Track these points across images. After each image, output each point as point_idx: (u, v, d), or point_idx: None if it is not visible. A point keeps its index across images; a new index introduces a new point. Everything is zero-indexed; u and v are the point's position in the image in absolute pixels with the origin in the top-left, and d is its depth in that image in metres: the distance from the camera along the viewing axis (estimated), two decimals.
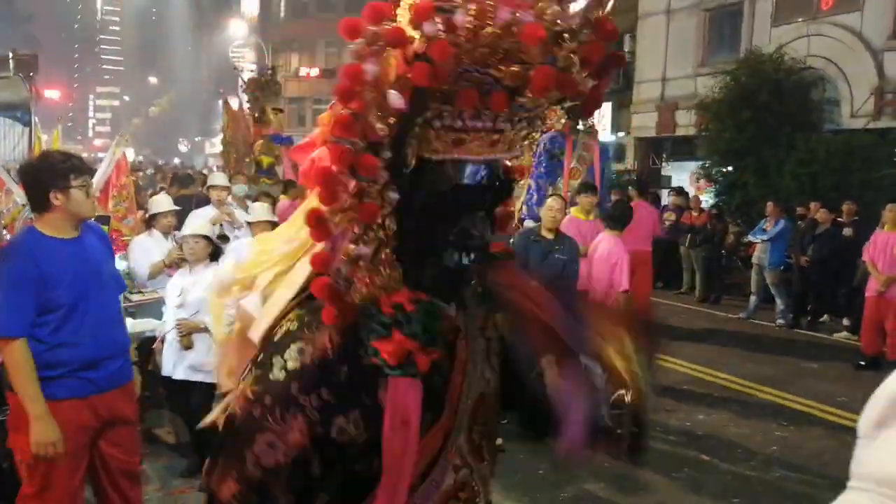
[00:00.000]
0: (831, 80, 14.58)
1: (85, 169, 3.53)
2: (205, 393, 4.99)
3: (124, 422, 3.62)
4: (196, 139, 62.76)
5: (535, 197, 8.21)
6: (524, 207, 8.30)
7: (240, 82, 20.51)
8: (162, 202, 6.49)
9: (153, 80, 77.67)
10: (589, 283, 6.43)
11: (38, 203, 3.43)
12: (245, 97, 12.99)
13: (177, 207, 6.53)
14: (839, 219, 11.05)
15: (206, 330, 4.85)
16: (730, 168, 14.75)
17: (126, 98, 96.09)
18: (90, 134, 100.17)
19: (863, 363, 8.71)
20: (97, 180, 6.24)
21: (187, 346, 4.89)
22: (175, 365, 4.97)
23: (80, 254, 3.44)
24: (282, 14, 41.73)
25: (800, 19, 15.40)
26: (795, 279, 11.12)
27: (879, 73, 13.92)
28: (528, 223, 7.60)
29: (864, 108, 14.04)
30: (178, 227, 6.38)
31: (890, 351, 8.65)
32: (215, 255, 5.02)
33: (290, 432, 1.60)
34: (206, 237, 5.01)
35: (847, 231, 10.66)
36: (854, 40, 14.34)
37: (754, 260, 11.48)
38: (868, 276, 9.05)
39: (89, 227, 3.61)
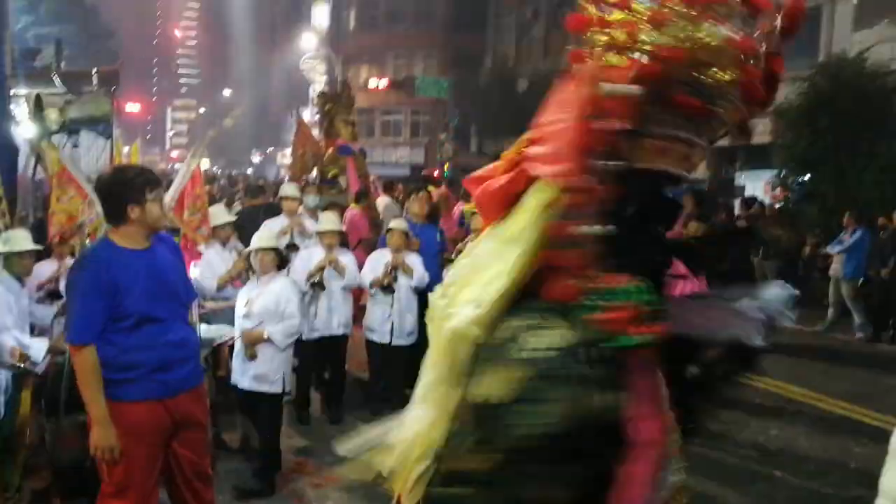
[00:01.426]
0: None
1: (158, 182, 3.65)
2: (270, 403, 5.07)
3: (195, 424, 3.71)
4: (268, 150, 64.07)
5: None
6: None
7: (310, 93, 21.07)
8: (218, 214, 6.65)
9: (227, 92, 79.69)
10: None
11: (115, 215, 3.55)
12: (315, 109, 13.24)
13: (232, 218, 6.71)
14: None
15: (268, 341, 4.94)
16: (807, 177, 14.28)
17: (202, 110, 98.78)
18: (167, 146, 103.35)
19: None
20: (173, 191, 6.43)
21: (252, 357, 4.99)
22: (242, 374, 5.08)
23: (151, 264, 3.55)
24: (351, 26, 42.31)
25: (883, 21, 14.84)
26: (875, 292, 10.69)
27: None
28: None
29: None
30: (242, 237, 6.55)
31: None
32: (283, 264, 5.12)
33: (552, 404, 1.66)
34: (274, 249, 5.13)
35: None
36: None
37: (831, 272, 11.11)
38: None
39: (160, 238, 3.72)
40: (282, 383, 5.09)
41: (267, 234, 5.30)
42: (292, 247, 7.18)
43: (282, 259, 5.14)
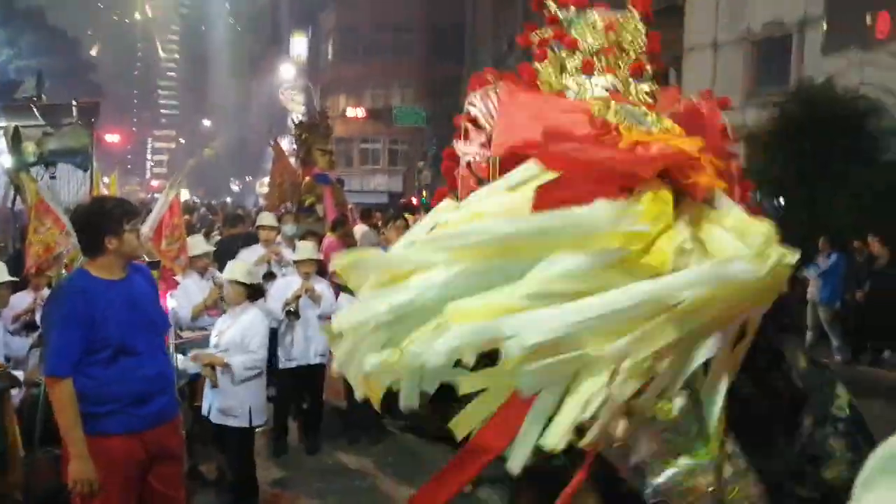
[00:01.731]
0: (887, 109, 14.26)
1: (136, 212, 3.67)
2: (238, 437, 5.00)
3: (171, 458, 3.68)
4: (247, 179, 64.02)
5: None
6: None
7: (289, 123, 21.15)
8: (196, 245, 6.65)
9: (207, 122, 79.71)
10: None
11: (92, 247, 3.55)
12: (293, 138, 13.29)
13: (210, 249, 6.69)
14: None
15: (227, 367, 4.85)
16: (780, 201, 14.47)
17: (181, 140, 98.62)
18: (148, 175, 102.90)
19: None
20: (151, 221, 6.43)
21: (213, 383, 4.94)
22: (211, 406, 5.03)
23: (128, 294, 3.54)
24: (330, 56, 42.59)
25: (851, 48, 15.16)
26: (852, 315, 10.81)
27: None
28: None
29: None
30: (221, 266, 6.54)
31: None
32: (256, 295, 5.07)
33: None
34: (242, 283, 5.06)
35: None
36: None
37: (809, 296, 11.22)
38: None
39: (136, 268, 3.72)
40: (248, 418, 4.98)
41: (238, 266, 5.22)
42: (270, 276, 7.18)
43: (254, 291, 5.07)
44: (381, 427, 6.86)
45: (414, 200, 30.88)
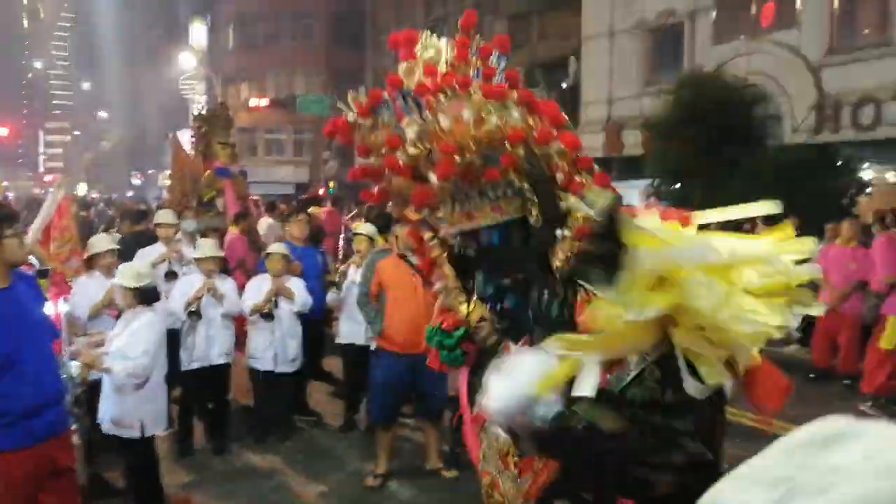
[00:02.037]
0: (773, 96, 14.95)
1: (15, 216, 3.52)
2: (131, 449, 4.83)
3: (64, 471, 3.57)
4: (149, 172, 62.01)
5: None
6: None
7: (190, 114, 20.72)
8: (99, 242, 6.40)
9: (103, 114, 76.70)
10: None
11: None
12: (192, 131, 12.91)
13: (114, 246, 6.43)
14: None
15: (107, 371, 4.60)
16: (678, 186, 15.02)
17: (76, 133, 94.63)
18: (41, 169, 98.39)
19: (812, 376, 8.84)
20: (38, 224, 6.17)
21: (84, 378, 4.70)
22: (104, 415, 4.85)
23: (12, 302, 3.40)
24: (230, 45, 41.60)
25: (739, 37, 15.81)
26: None
27: (818, 88, 14.32)
28: None
29: (805, 123, 14.41)
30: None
31: (841, 364, 8.81)
32: (149, 298, 4.81)
33: None
34: (131, 287, 4.82)
35: None
36: (793, 57, 14.74)
37: None
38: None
39: (19, 275, 3.57)
40: (140, 429, 4.77)
41: (126, 269, 4.94)
42: (171, 275, 6.99)
43: (145, 294, 4.79)
44: (289, 424, 6.83)
45: (321, 191, 30.61)
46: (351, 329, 6.96)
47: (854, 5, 14.40)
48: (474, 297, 2.51)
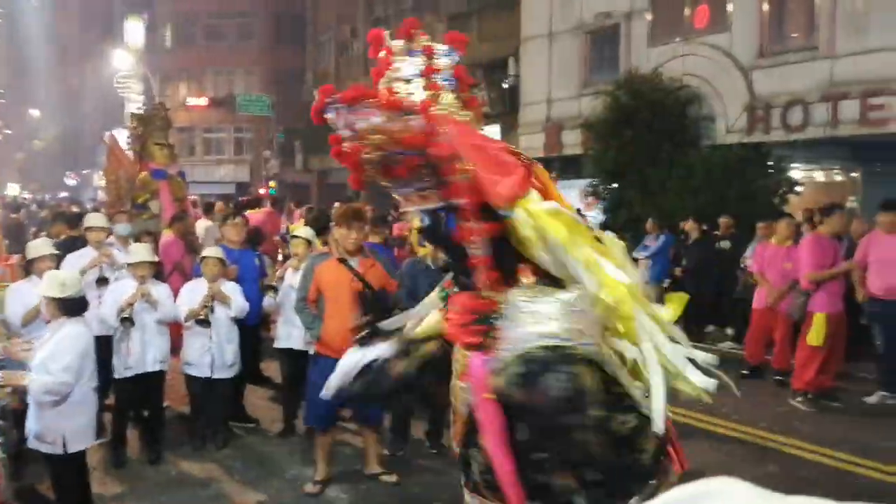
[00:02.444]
0: (706, 97, 15.29)
1: None
2: (54, 465, 4.67)
3: None
4: (84, 172, 60.34)
5: None
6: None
7: (125, 114, 20.26)
8: (38, 247, 6.25)
9: (35, 112, 74.38)
10: None
11: None
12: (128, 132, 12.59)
13: (54, 251, 6.27)
14: (717, 232, 11.58)
15: (22, 387, 4.43)
16: (615, 185, 15.27)
17: (8, 131, 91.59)
18: None
19: (746, 372, 9.05)
20: None
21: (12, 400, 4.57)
22: (29, 428, 4.70)
23: None
24: (168, 43, 40.82)
25: (674, 40, 16.12)
26: (673, 291, 11.56)
27: (750, 90, 14.69)
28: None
29: (738, 123, 14.78)
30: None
31: (775, 360, 9.05)
32: (75, 309, 4.62)
33: None
34: (55, 298, 4.62)
35: (725, 244, 11.17)
36: (725, 59, 15.10)
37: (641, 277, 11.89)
38: (751, 286, 9.43)
39: None
40: (61, 445, 4.60)
41: (49, 278, 4.76)
42: (102, 281, 6.82)
43: (70, 304, 4.60)
44: (227, 431, 6.74)
45: (262, 190, 30.24)
46: (289, 333, 6.90)
47: (782, 10, 14.81)
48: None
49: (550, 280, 2.41)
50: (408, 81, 2.60)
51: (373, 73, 2.75)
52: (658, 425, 2.39)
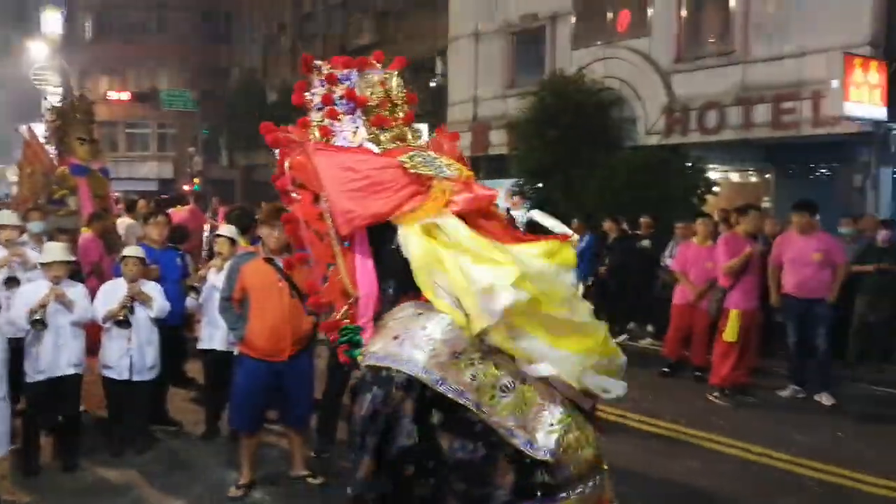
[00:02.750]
0: (627, 99, 15.67)
1: None
2: None
3: None
4: None
5: None
6: None
7: (43, 107, 19.43)
8: None
9: None
10: None
11: None
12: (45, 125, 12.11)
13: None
14: (638, 231, 11.87)
15: None
16: (540, 185, 15.49)
17: None
18: None
19: (666, 370, 9.28)
20: None
21: None
22: None
23: None
24: (87, 35, 39.50)
25: (597, 43, 16.45)
26: (597, 290, 11.78)
27: (668, 92, 15.12)
28: None
29: (657, 125, 15.18)
30: None
31: (693, 356, 9.31)
32: None
33: None
34: None
35: (645, 243, 11.45)
36: (645, 63, 15.50)
37: None
38: (670, 285, 9.67)
39: None
40: None
41: None
42: (12, 281, 6.55)
43: None
44: (148, 435, 6.57)
45: (186, 187, 29.59)
46: (212, 334, 6.77)
47: (699, 16, 15.30)
48: None
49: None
50: (319, 110, 2.88)
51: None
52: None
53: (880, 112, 12.40)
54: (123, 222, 10.85)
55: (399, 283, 2.47)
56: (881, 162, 13.04)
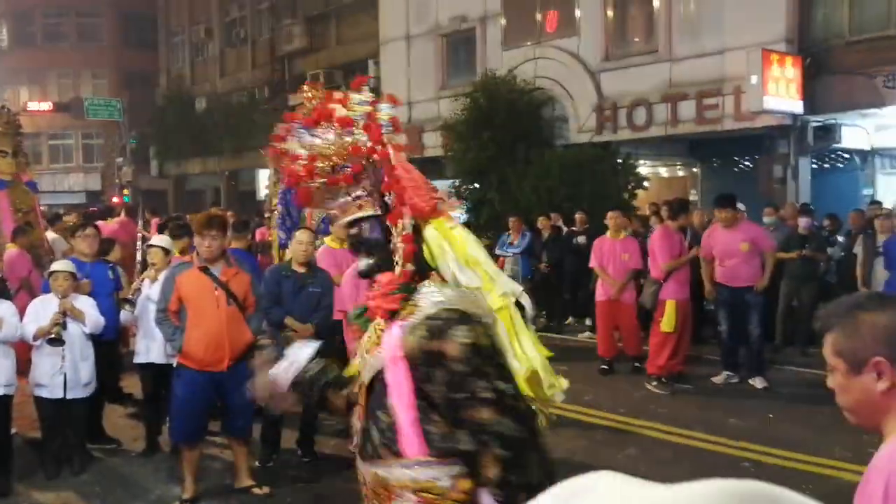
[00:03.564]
0: (558, 99, 15.91)
1: None
2: None
3: None
4: None
5: (289, 223, 8.31)
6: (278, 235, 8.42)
7: None
8: None
9: None
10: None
11: None
12: None
13: None
14: (573, 228, 12.08)
15: None
16: (476, 185, 15.61)
17: None
18: None
19: (605, 367, 9.33)
20: None
21: None
22: None
23: None
24: (5, 43, 38.19)
25: (527, 43, 16.66)
26: (538, 286, 11.95)
27: (598, 91, 15.41)
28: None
29: (588, 123, 15.46)
30: None
31: (627, 349, 9.48)
32: None
33: None
34: None
35: (580, 239, 11.65)
36: (574, 62, 15.76)
37: (507, 273, 12.19)
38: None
39: None
40: None
41: None
42: None
43: None
44: (85, 454, 6.40)
45: (115, 199, 28.85)
46: (148, 347, 6.65)
47: (625, 16, 15.65)
48: None
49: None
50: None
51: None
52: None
53: (797, 105, 12.88)
54: (48, 236, 10.55)
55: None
56: (799, 153, 13.53)
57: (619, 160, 14.47)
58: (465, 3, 17.93)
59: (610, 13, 15.49)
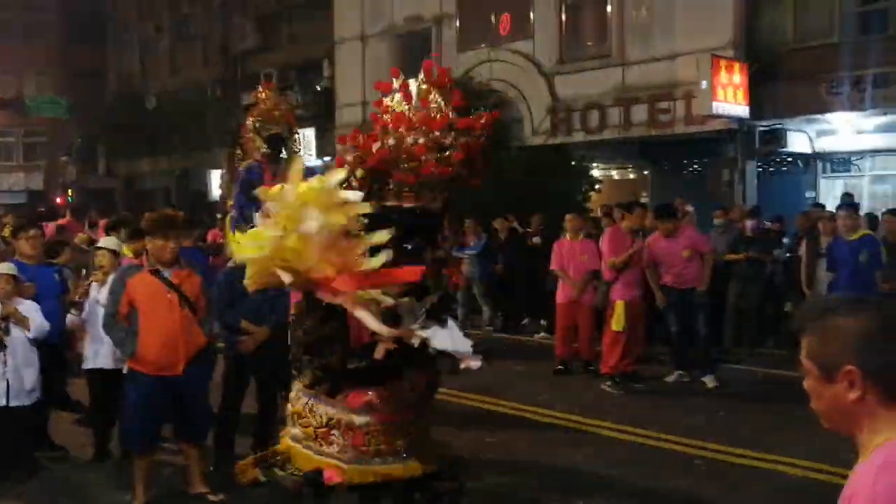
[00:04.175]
0: (513, 101, 15.99)
1: None
2: None
3: None
4: None
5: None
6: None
7: None
8: None
9: None
10: None
11: None
12: None
13: None
14: (528, 229, 12.15)
15: None
16: None
17: None
18: None
19: (560, 367, 9.39)
20: None
21: None
22: None
23: None
24: None
25: (482, 45, 16.71)
26: (495, 287, 12.00)
27: (552, 94, 15.53)
28: None
29: (542, 126, 15.57)
30: None
31: (582, 351, 9.53)
32: None
33: None
34: None
35: (536, 240, 11.73)
36: (529, 65, 15.87)
37: (466, 274, 12.19)
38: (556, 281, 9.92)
39: None
40: None
41: None
42: None
43: None
44: (31, 463, 6.22)
45: (58, 199, 28.18)
46: (96, 351, 6.47)
47: (578, 20, 15.80)
48: None
49: None
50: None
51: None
52: None
53: (743, 110, 13.17)
54: None
55: None
56: (747, 156, 13.83)
57: (573, 162, 14.60)
58: (420, 4, 17.91)
59: (563, 17, 15.63)
